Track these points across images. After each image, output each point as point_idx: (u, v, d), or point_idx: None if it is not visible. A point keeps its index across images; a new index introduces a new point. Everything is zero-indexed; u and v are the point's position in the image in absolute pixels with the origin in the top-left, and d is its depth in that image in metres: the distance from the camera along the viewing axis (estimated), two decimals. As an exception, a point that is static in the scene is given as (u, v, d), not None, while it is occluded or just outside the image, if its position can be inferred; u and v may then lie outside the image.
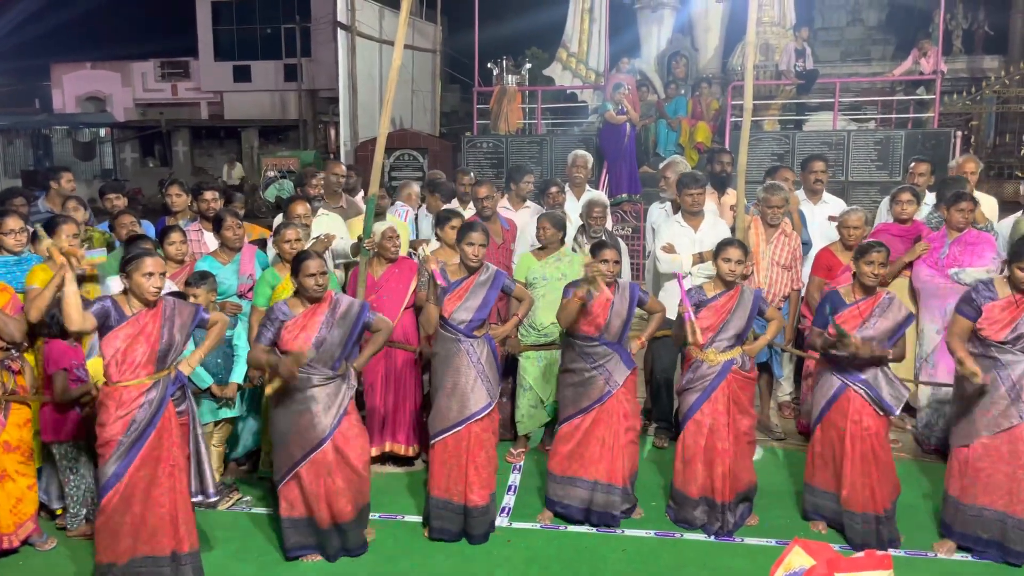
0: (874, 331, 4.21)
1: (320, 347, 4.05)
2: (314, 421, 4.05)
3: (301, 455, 4.07)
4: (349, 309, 4.15)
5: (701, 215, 5.57)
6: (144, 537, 3.76)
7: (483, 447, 4.39)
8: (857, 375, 4.23)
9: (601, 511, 4.53)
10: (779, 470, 5.24)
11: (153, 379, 3.76)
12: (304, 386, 4.05)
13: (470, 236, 4.42)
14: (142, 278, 3.70)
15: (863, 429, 4.24)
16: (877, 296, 4.28)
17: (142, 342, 3.72)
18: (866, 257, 4.23)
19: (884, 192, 9.43)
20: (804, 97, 11.09)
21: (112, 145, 27.45)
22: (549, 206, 6.02)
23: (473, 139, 11.12)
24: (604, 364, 4.49)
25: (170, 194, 6.16)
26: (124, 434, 3.70)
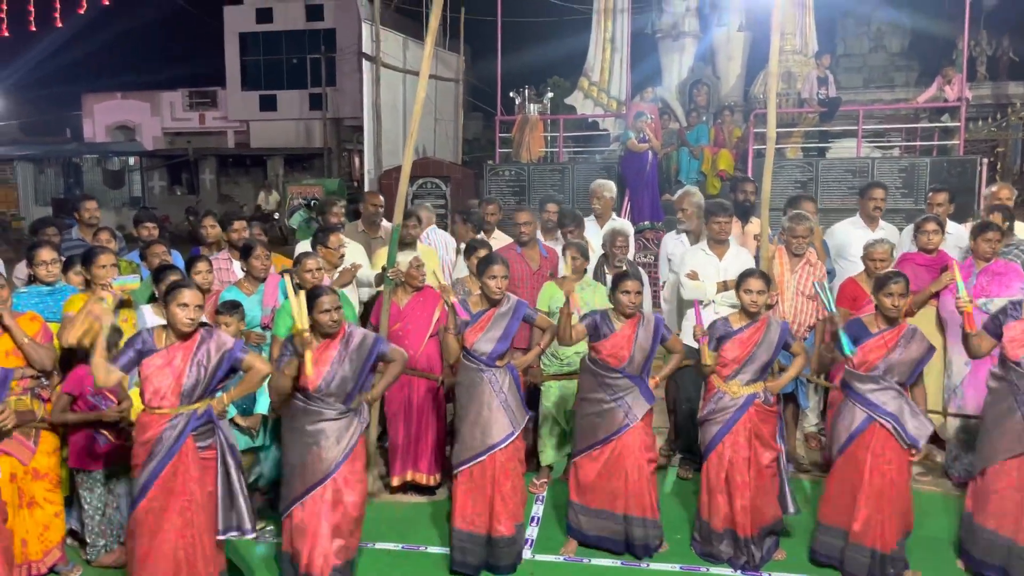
0: (898, 362, 4.17)
1: (332, 382, 4.02)
2: (321, 455, 4.00)
3: (303, 489, 4.02)
4: (363, 342, 4.10)
5: (727, 244, 5.57)
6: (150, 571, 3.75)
7: (509, 477, 4.37)
8: (883, 408, 4.17)
9: (642, 544, 4.50)
10: (806, 503, 5.16)
11: (176, 412, 3.77)
12: (315, 419, 4.02)
13: (492, 270, 4.42)
14: (177, 308, 3.73)
15: (885, 463, 4.17)
16: (901, 327, 4.23)
17: (168, 375, 3.75)
18: (885, 289, 4.18)
19: (909, 220, 9.31)
20: (827, 124, 11.06)
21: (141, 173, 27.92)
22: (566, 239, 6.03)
23: (495, 167, 11.19)
24: (624, 397, 4.47)
25: (204, 225, 6.25)
26: (146, 460, 3.75)
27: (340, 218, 6.44)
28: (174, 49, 30.63)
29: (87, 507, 4.41)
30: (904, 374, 4.19)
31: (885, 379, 4.17)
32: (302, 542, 4.01)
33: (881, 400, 4.18)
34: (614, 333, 4.45)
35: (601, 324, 4.48)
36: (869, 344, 4.22)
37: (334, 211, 6.46)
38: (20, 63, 27.62)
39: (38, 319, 4.38)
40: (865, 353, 4.21)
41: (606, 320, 4.49)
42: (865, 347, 4.22)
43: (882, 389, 4.18)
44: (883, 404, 4.17)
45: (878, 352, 4.19)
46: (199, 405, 3.83)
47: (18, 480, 4.23)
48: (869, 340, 4.22)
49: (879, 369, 4.18)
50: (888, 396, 4.17)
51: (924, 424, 4.17)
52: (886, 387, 4.18)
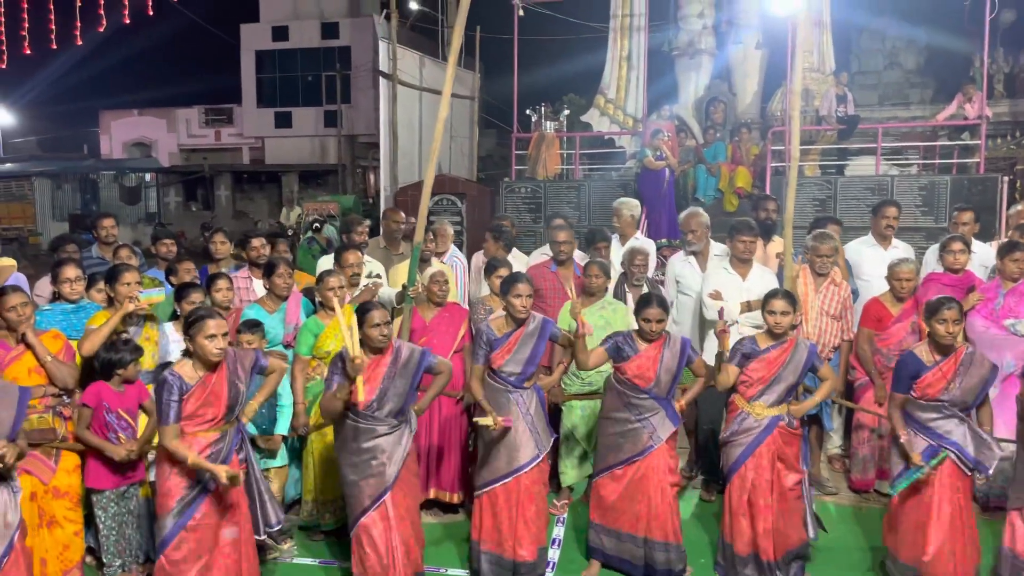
0: (961, 391, 4.03)
1: (384, 398, 4.05)
2: (380, 470, 4.04)
3: (369, 503, 4.06)
4: (411, 357, 4.14)
5: (750, 263, 5.52)
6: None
7: (533, 500, 4.32)
8: (946, 437, 4.05)
9: (665, 569, 4.41)
10: (831, 527, 5.07)
11: (221, 430, 3.81)
12: (369, 436, 4.05)
13: (516, 288, 4.39)
14: (205, 340, 3.73)
15: (953, 491, 4.05)
16: (958, 353, 4.08)
17: (212, 403, 3.77)
18: (938, 315, 4.03)
19: (930, 238, 9.27)
20: (845, 142, 11.00)
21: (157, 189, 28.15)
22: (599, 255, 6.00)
23: (511, 184, 11.18)
24: (649, 418, 4.41)
25: (214, 241, 6.25)
26: (189, 485, 3.72)
27: (364, 237, 6.42)
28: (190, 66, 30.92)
29: (102, 527, 4.38)
30: (969, 399, 4.06)
31: (947, 408, 4.06)
32: (375, 555, 4.04)
33: (945, 429, 4.06)
34: (639, 354, 4.40)
35: (624, 345, 4.44)
36: (927, 378, 4.08)
37: (359, 230, 6.44)
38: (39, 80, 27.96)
39: (61, 337, 4.37)
40: (924, 388, 4.08)
41: (629, 341, 4.45)
42: (923, 382, 4.08)
43: (944, 418, 4.07)
44: (947, 434, 4.05)
45: (937, 386, 4.06)
46: (235, 421, 3.89)
47: (38, 499, 4.20)
48: (927, 374, 4.08)
49: (943, 400, 4.05)
50: (951, 424, 4.06)
51: (991, 449, 4.04)
52: (948, 415, 4.07)
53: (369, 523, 4.07)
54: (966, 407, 4.06)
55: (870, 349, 5.39)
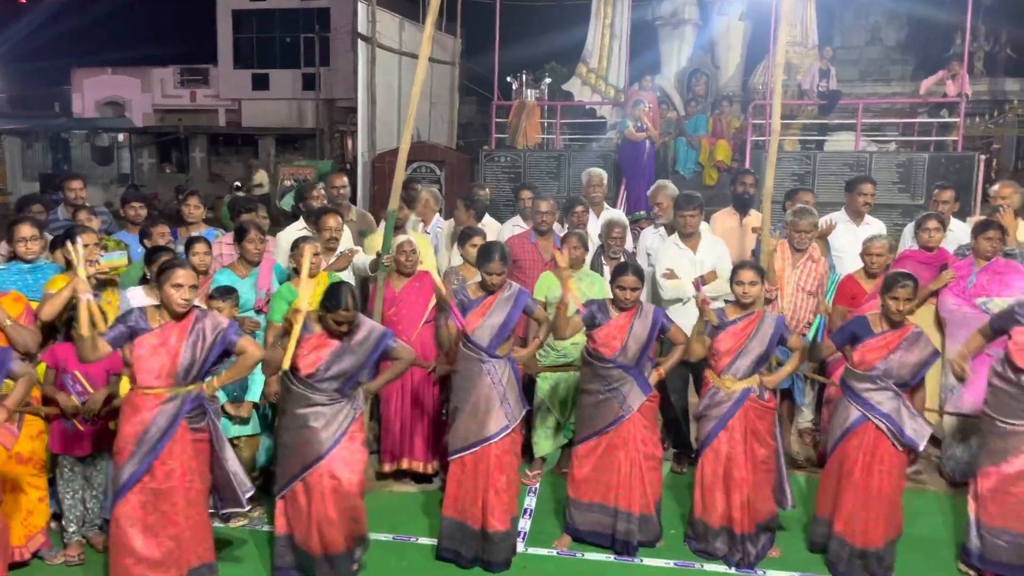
0: (898, 364, 4.12)
1: (328, 371, 3.95)
2: (313, 437, 3.95)
3: (299, 469, 3.98)
4: (367, 337, 4.01)
5: (697, 235, 5.51)
6: (160, 555, 3.71)
7: (504, 471, 4.31)
8: (878, 408, 4.13)
9: (623, 539, 4.45)
10: (801, 500, 5.12)
11: (171, 392, 3.72)
12: (305, 404, 3.97)
13: (489, 266, 4.33)
14: (171, 289, 3.67)
15: (877, 462, 4.14)
16: (905, 329, 4.17)
17: (163, 354, 3.69)
18: (891, 292, 4.12)
19: (906, 215, 9.31)
20: (825, 117, 10.98)
21: (130, 150, 27.62)
22: (573, 225, 5.96)
23: (491, 153, 11.07)
24: (619, 387, 4.41)
25: (188, 205, 6.13)
26: (136, 444, 3.67)
27: (320, 201, 6.29)
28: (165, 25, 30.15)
29: (62, 492, 4.34)
30: (904, 377, 4.14)
31: (882, 379, 4.13)
32: (300, 523, 3.99)
33: (876, 400, 4.14)
34: (608, 322, 4.40)
35: (598, 314, 4.43)
36: (870, 344, 4.17)
37: (313, 194, 6.31)
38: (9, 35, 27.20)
39: (22, 299, 4.29)
40: (864, 352, 4.18)
41: (603, 310, 4.44)
42: (865, 346, 4.18)
43: (879, 389, 4.15)
44: (878, 404, 4.14)
45: (878, 353, 4.15)
46: (192, 387, 3.79)
47: (1, 465, 4.13)
48: (870, 340, 4.18)
49: (878, 370, 4.14)
50: (884, 396, 4.14)
51: (923, 426, 4.14)
52: (883, 387, 4.14)
53: (296, 491, 4.00)
54: (902, 383, 4.14)
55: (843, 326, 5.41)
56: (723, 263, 5.30)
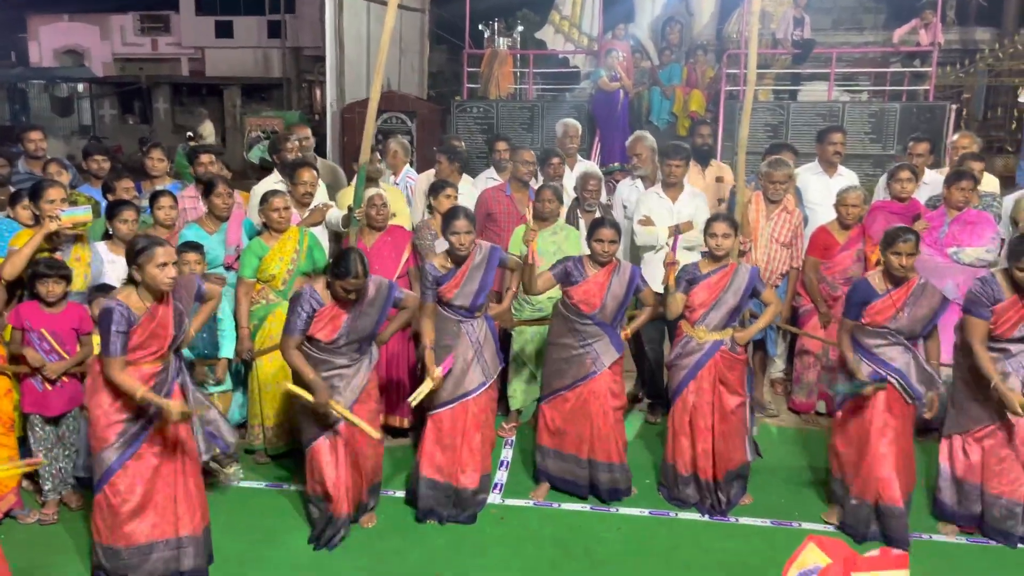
0: (908, 320, 4.05)
1: (348, 334, 3.98)
2: (336, 398, 3.99)
3: (319, 429, 4.04)
4: (377, 293, 4.04)
5: (680, 187, 5.49)
6: (157, 520, 3.69)
7: (479, 428, 4.33)
8: (890, 364, 4.07)
9: (609, 488, 4.51)
10: (773, 448, 5.21)
11: (163, 362, 3.67)
12: (327, 367, 3.99)
13: (454, 225, 4.25)
14: (156, 270, 3.52)
15: (893, 418, 4.10)
16: (910, 283, 4.08)
17: (159, 334, 3.60)
18: (893, 247, 4.02)
19: (877, 165, 9.34)
20: (799, 67, 10.93)
21: (91, 101, 26.83)
22: (548, 177, 5.90)
23: (463, 103, 10.89)
24: (593, 344, 4.42)
25: (151, 158, 5.97)
26: (131, 418, 3.59)
27: (295, 153, 6.15)
28: (124, -31, 29.13)
29: (35, 452, 4.28)
30: (916, 329, 4.08)
31: (893, 335, 4.08)
32: (331, 478, 4.05)
33: (889, 356, 4.09)
34: (587, 279, 4.38)
35: (573, 270, 4.41)
36: (876, 306, 4.08)
37: (288, 146, 6.18)
38: (-42, -20, 26.13)
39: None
40: (873, 315, 4.10)
41: (578, 266, 4.42)
42: (872, 308, 4.09)
43: (890, 345, 4.10)
44: (891, 360, 4.08)
45: (885, 313, 4.07)
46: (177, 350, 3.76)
47: (-32, 425, 4.07)
48: (877, 301, 4.09)
49: (889, 328, 4.08)
50: (896, 351, 4.09)
51: (931, 376, 4.07)
52: (894, 342, 4.09)
53: (320, 447, 4.05)
54: (913, 336, 4.10)
55: (816, 277, 5.45)
56: (701, 215, 5.29)
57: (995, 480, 4.16)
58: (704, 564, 4.01)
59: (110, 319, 3.46)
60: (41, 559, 3.97)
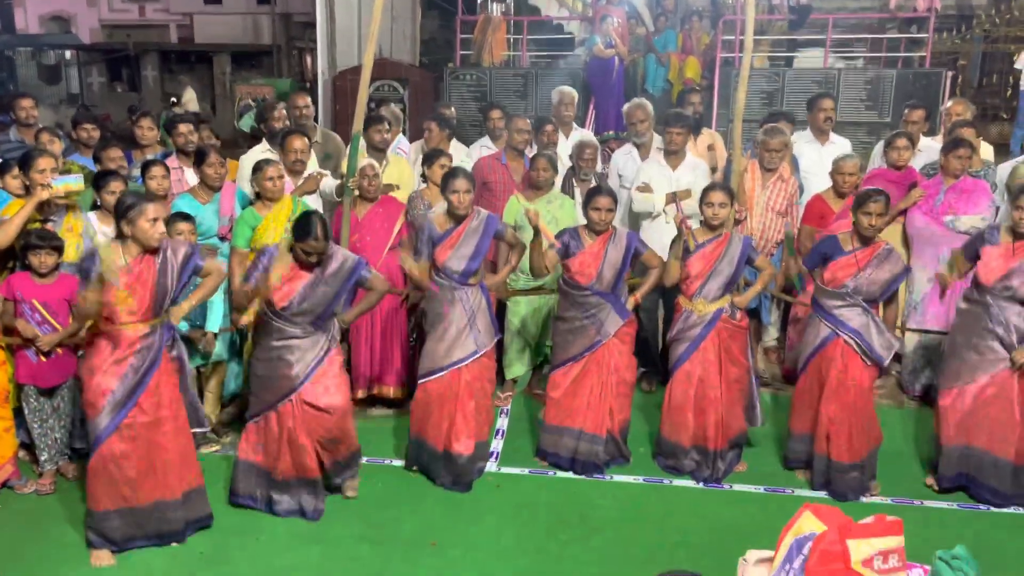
0: (867, 281, 4.16)
1: (302, 303, 3.88)
2: (287, 371, 3.91)
3: (272, 401, 3.97)
4: (341, 267, 3.94)
5: (682, 155, 5.46)
6: (152, 484, 3.71)
7: (473, 396, 4.34)
8: (847, 324, 4.19)
9: (584, 460, 4.52)
10: (767, 415, 5.24)
11: (150, 325, 3.65)
12: (280, 336, 3.92)
13: (453, 184, 4.24)
14: (147, 224, 3.53)
15: (849, 378, 4.21)
16: (876, 246, 4.21)
17: (139, 289, 3.58)
18: (864, 207, 4.13)
19: (872, 133, 9.30)
20: (795, 33, 10.84)
21: (78, 68, 26.46)
22: (543, 145, 5.86)
23: (456, 71, 10.78)
24: (596, 314, 4.42)
25: (141, 127, 5.89)
26: (120, 381, 3.59)
27: (283, 123, 6.08)
28: (109, -67, 28.55)
29: (37, 425, 4.29)
30: (874, 293, 4.19)
31: (852, 296, 4.18)
32: (270, 449, 4.00)
33: (846, 316, 4.19)
34: (582, 250, 4.37)
35: (571, 242, 4.40)
36: (840, 262, 4.21)
37: (275, 115, 6.11)
38: (-60, -56, 25.61)
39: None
40: (835, 271, 4.21)
41: (576, 238, 4.41)
42: (836, 264, 4.21)
43: (848, 306, 4.20)
44: (848, 320, 4.19)
45: (848, 271, 4.19)
46: (166, 316, 3.73)
47: (-37, 397, 4.06)
48: (841, 258, 4.21)
49: (848, 287, 4.18)
50: (853, 313, 4.19)
51: (890, 342, 4.20)
52: (852, 304, 4.19)
53: (266, 421, 4.00)
54: (872, 299, 4.20)
55: (811, 246, 5.43)
56: (700, 184, 5.26)
57: (984, 437, 4.23)
58: (698, 530, 4.05)
59: (89, 260, 3.54)
60: (38, 529, 3.99)
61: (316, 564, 3.76)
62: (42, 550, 3.82)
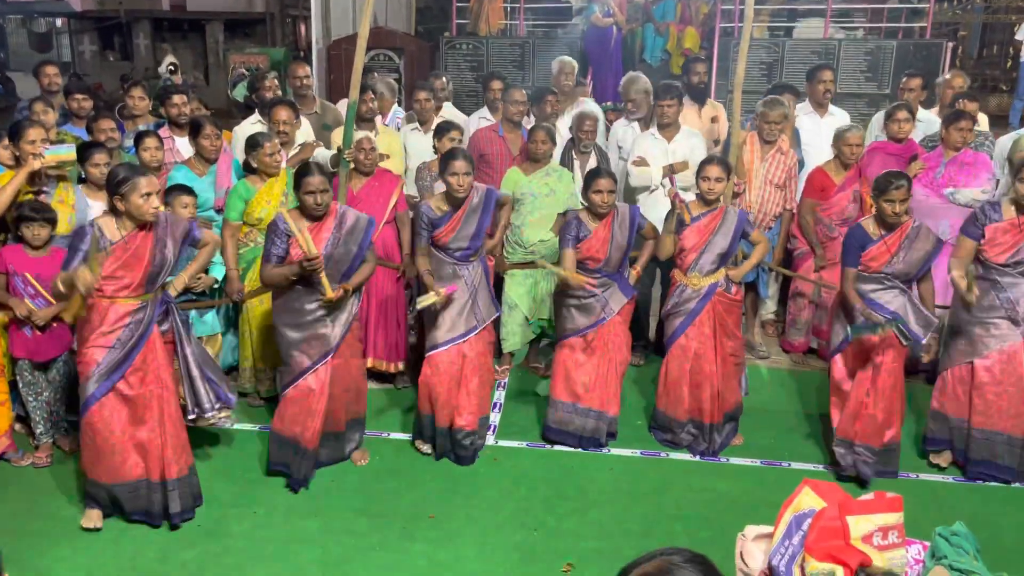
0: (904, 264, 4.06)
1: (328, 264, 3.93)
2: (323, 332, 3.99)
3: (310, 363, 4.02)
4: (356, 224, 4.01)
5: (676, 127, 5.41)
6: (129, 462, 3.68)
7: (476, 371, 4.33)
8: (886, 308, 4.08)
9: (590, 436, 4.52)
10: (763, 389, 5.26)
11: (142, 300, 3.61)
12: (314, 298, 3.96)
13: (452, 166, 4.18)
14: (140, 199, 3.48)
15: (889, 361, 4.11)
16: (904, 227, 4.07)
17: (133, 264, 3.54)
18: (886, 195, 3.99)
19: (872, 105, 9.22)
20: (795, 2, 10.71)
21: (70, 36, 26.09)
22: (545, 116, 5.79)
23: (452, 40, 10.64)
24: (602, 293, 4.42)
25: (132, 96, 5.82)
26: (107, 353, 3.56)
27: (273, 92, 5.99)
28: (98, -102, 28.04)
29: (32, 399, 4.28)
30: (912, 272, 4.09)
31: (889, 279, 4.09)
32: (300, 418, 4.03)
33: (885, 300, 4.10)
34: (590, 236, 4.34)
35: (578, 230, 4.36)
36: (872, 252, 4.09)
37: (266, 84, 6.01)
38: (-74, -92, 25.13)
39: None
40: (867, 261, 4.10)
41: (580, 224, 4.37)
42: (867, 255, 4.10)
43: (885, 289, 4.11)
44: (887, 304, 4.09)
45: (881, 259, 4.08)
46: (159, 292, 3.70)
47: (-43, 370, 4.03)
48: (871, 247, 4.09)
49: (884, 271, 4.09)
50: (891, 295, 4.10)
51: (928, 319, 4.10)
52: (889, 286, 4.11)
53: (307, 384, 4.03)
54: (908, 279, 4.12)
55: (812, 219, 5.42)
56: (696, 154, 5.22)
57: (980, 415, 4.21)
58: (695, 503, 4.06)
59: (79, 238, 3.50)
60: (35, 502, 3.99)
61: (314, 537, 3.77)
62: (39, 523, 3.82)
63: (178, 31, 25.55)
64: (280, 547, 3.70)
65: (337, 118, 6.08)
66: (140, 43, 25.49)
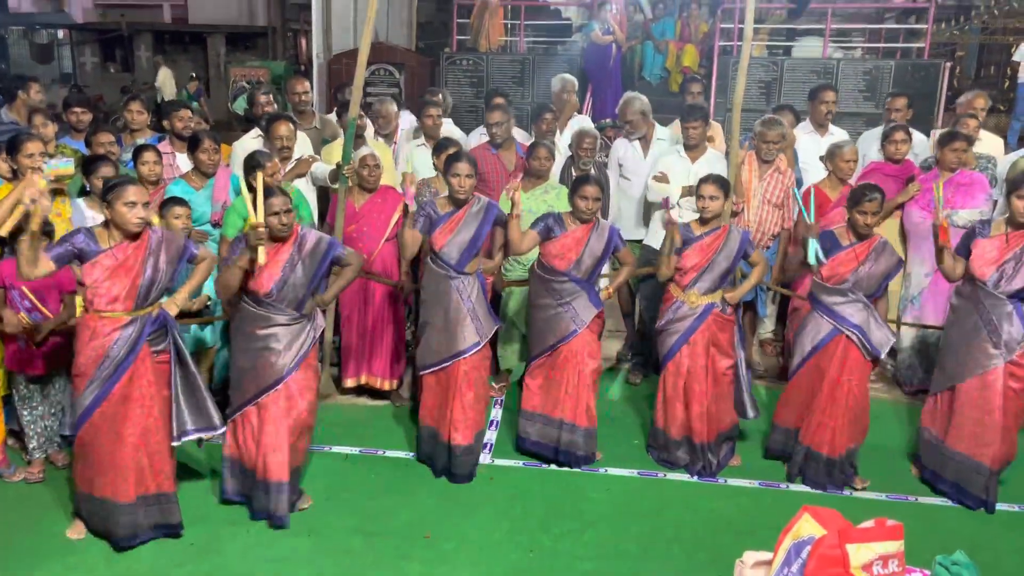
0: (867, 275, 4.16)
1: (283, 287, 3.80)
2: (272, 360, 3.81)
3: (255, 392, 3.85)
4: (316, 246, 3.87)
5: (702, 148, 5.41)
6: (109, 479, 3.63)
7: (472, 387, 4.30)
8: (849, 320, 4.17)
9: (566, 450, 4.50)
10: (761, 409, 5.21)
11: (131, 315, 3.56)
12: (266, 324, 3.82)
13: (455, 167, 4.22)
14: (124, 207, 3.44)
15: (848, 373, 4.21)
16: (872, 239, 4.21)
17: (122, 276, 3.51)
18: (859, 206, 4.13)
19: (870, 124, 9.22)
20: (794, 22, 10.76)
21: (71, 48, 26.20)
22: (541, 133, 5.80)
23: (452, 55, 10.68)
24: (571, 302, 4.38)
25: (130, 110, 5.81)
26: (96, 369, 3.54)
27: (269, 108, 5.98)
28: (102, -89, 28.19)
29: (27, 412, 4.25)
30: (872, 287, 4.19)
31: (852, 292, 4.17)
32: (254, 446, 3.89)
33: (848, 312, 4.18)
34: (565, 233, 4.34)
35: (554, 226, 4.37)
36: (840, 257, 4.20)
37: (261, 101, 6.00)
38: (-70, -80, 25.25)
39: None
40: (835, 266, 4.21)
41: (559, 222, 4.38)
42: (835, 260, 4.20)
43: (849, 302, 4.19)
44: (849, 316, 4.18)
45: (848, 265, 4.18)
46: (152, 308, 3.64)
47: (-49, 384, 4.01)
48: (840, 253, 4.20)
49: (848, 282, 4.18)
50: (855, 308, 4.18)
51: (887, 335, 4.21)
52: (853, 300, 4.18)
53: (248, 413, 3.90)
54: (870, 293, 4.20)
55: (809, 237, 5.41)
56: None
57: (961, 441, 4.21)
58: (692, 524, 4.03)
59: (68, 236, 3.50)
60: (26, 518, 3.95)
61: (308, 556, 3.73)
62: (30, 540, 3.78)
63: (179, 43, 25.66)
64: (273, 566, 3.66)
65: (335, 133, 6.08)
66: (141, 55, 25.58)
